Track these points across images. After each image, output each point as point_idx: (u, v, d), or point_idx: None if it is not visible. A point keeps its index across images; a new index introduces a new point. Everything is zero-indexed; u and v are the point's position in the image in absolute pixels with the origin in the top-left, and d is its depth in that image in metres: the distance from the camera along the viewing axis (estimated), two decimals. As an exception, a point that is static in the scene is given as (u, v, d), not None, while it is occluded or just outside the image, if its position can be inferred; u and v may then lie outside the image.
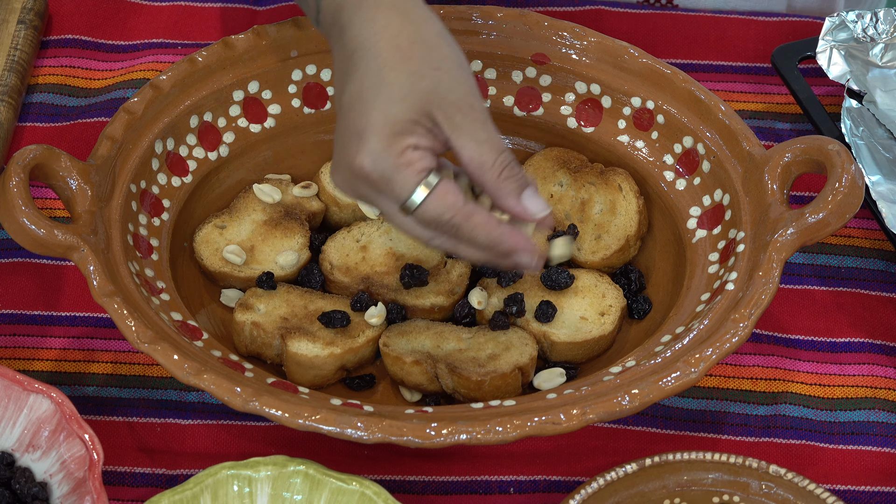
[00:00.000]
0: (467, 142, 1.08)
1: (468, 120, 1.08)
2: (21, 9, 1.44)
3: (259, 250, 1.27)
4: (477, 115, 1.08)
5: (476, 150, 1.08)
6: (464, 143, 1.08)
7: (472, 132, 1.08)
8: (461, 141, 1.08)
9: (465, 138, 1.08)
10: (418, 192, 1.07)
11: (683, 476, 1.11)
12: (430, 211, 1.08)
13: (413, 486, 1.17)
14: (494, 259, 1.11)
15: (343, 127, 1.09)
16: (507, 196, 1.10)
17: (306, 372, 1.19)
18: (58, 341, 1.25)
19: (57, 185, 1.18)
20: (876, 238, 1.32)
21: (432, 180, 1.08)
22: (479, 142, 1.08)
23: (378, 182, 1.08)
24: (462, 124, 1.08)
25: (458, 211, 1.08)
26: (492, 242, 1.09)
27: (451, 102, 1.08)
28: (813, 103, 1.35)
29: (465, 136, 1.08)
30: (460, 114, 1.08)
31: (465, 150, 1.08)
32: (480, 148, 1.08)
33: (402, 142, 1.07)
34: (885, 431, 1.20)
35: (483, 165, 1.09)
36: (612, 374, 1.13)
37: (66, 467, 1.11)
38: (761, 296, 1.14)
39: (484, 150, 1.08)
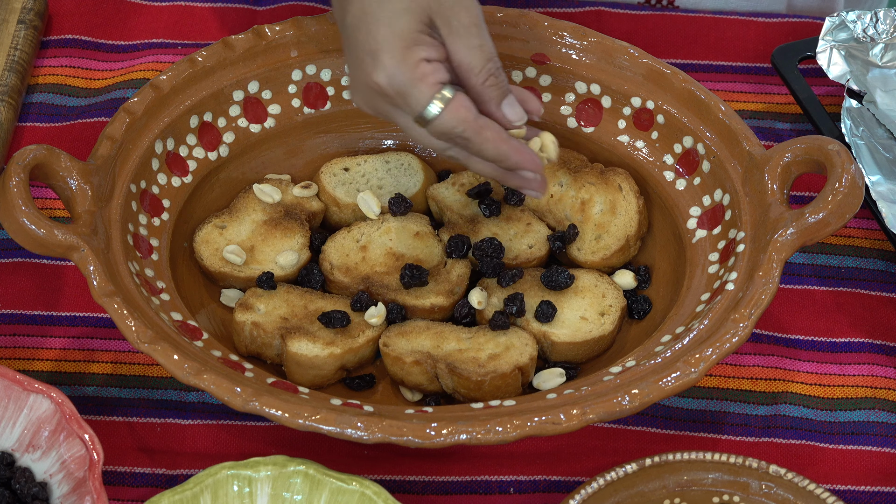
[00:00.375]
0: (460, 46, 1.13)
1: (463, 25, 1.13)
2: (21, 9, 1.44)
3: (259, 250, 1.27)
4: (471, 19, 1.13)
5: (467, 54, 1.13)
6: (457, 47, 1.13)
7: (465, 37, 1.13)
8: (455, 45, 1.13)
9: (459, 43, 1.13)
10: (434, 105, 1.12)
11: (683, 476, 1.11)
12: (445, 123, 1.13)
13: (413, 486, 1.17)
14: (502, 175, 1.17)
15: (353, 47, 1.14)
16: (488, 101, 1.15)
17: (306, 372, 1.19)
18: (58, 341, 1.25)
19: (57, 185, 1.18)
20: (876, 238, 1.32)
21: (447, 94, 1.12)
22: (470, 47, 1.13)
23: (395, 97, 1.13)
24: (458, 28, 1.13)
25: (470, 124, 1.13)
26: (500, 156, 1.14)
27: (448, 5, 1.12)
28: (813, 103, 1.35)
29: (459, 41, 1.13)
30: (456, 18, 1.13)
31: (457, 54, 1.13)
32: (471, 53, 1.13)
33: (414, 55, 1.12)
34: (885, 431, 1.20)
35: (472, 70, 1.13)
36: (612, 374, 1.13)
37: (66, 467, 1.11)
38: (761, 296, 1.14)
39: (474, 55, 1.14)
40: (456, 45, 1.13)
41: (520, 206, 1.29)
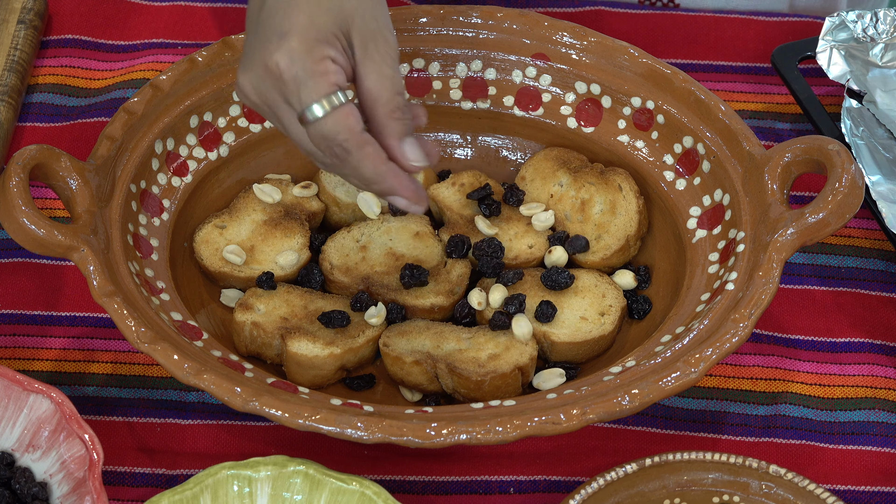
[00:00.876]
0: (371, 72, 1.10)
1: (379, 52, 1.10)
2: (21, 9, 1.44)
3: (259, 250, 1.27)
4: (389, 50, 1.10)
5: (377, 81, 1.10)
6: (368, 72, 1.10)
7: (379, 65, 1.10)
8: (366, 69, 1.10)
9: (371, 68, 1.10)
10: (321, 104, 1.07)
11: (683, 476, 1.11)
12: (328, 127, 1.08)
13: (413, 486, 1.17)
14: (374, 193, 1.13)
15: (262, 28, 1.10)
16: (389, 135, 1.11)
17: (306, 372, 1.19)
18: (58, 341, 1.25)
19: (57, 185, 1.18)
20: (876, 238, 1.32)
21: (340, 98, 1.08)
22: (381, 75, 1.10)
23: (288, 83, 1.08)
24: (373, 54, 1.10)
25: (353, 135, 1.08)
26: (376, 177, 1.10)
27: (370, 30, 1.10)
28: (813, 103, 1.35)
29: (371, 67, 1.10)
30: (373, 43, 1.10)
31: (366, 80, 1.10)
32: (381, 82, 1.10)
33: (322, 50, 1.08)
34: (885, 431, 1.20)
35: (378, 99, 1.10)
36: (612, 374, 1.13)
37: (66, 467, 1.11)
38: (761, 296, 1.14)
39: (384, 85, 1.10)
40: (367, 69, 1.10)
41: (519, 206, 1.29)
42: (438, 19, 1.32)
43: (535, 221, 1.28)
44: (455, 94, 1.33)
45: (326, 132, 1.08)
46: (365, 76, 1.10)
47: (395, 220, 1.28)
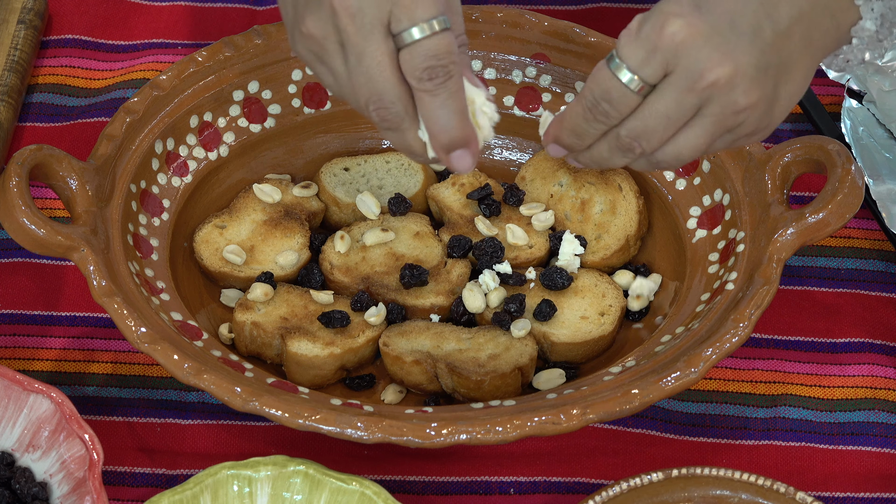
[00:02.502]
0: (454, 4, 1.06)
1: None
2: (21, 9, 1.44)
3: (259, 250, 1.27)
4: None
5: (456, 15, 1.06)
6: (452, 4, 1.06)
7: (454, 2, 1.07)
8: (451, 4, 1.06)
9: (453, 3, 1.06)
10: (432, 24, 1.01)
11: (709, 491, 1.10)
12: (439, 46, 1.01)
13: (413, 486, 1.17)
14: (436, 145, 1.05)
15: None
16: (465, 67, 1.06)
17: (306, 372, 1.19)
18: (58, 341, 1.25)
19: (57, 185, 1.18)
20: (876, 238, 1.32)
21: (446, 22, 1.02)
22: (455, 12, 1.07)
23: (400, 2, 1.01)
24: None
25: (455, 59, 1.02)
26: (461, 116, 1.03)
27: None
28: (813, 103, 1.35)
29: (453, 3, 1.06)
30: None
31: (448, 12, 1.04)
32: (456, 17, 1.06)
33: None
34: (885, 432, 1.20)
35: (455, 30, 1.06)
36: (612, 374, 1.13)
37: (66, 467, 1.11)
38: (761, 296, 1.14)
39: (458, 21, 1.07)
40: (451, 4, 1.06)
41: (519, 206, 1.29)
42: (438, 19, 1.32)
43: (535, 221, 1.28)
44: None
45: (436, 51, 1.01)
46: (454, 18, 1.06)
47: (395, 220, 1.28)
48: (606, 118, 1.03)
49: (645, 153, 1.04)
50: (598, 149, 1.06)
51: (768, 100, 1.02)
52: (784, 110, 1.04)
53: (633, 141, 1.03)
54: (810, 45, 1.03)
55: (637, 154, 1.04)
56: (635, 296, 1.24)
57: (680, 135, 1.03)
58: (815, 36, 1.02)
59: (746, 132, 1.04)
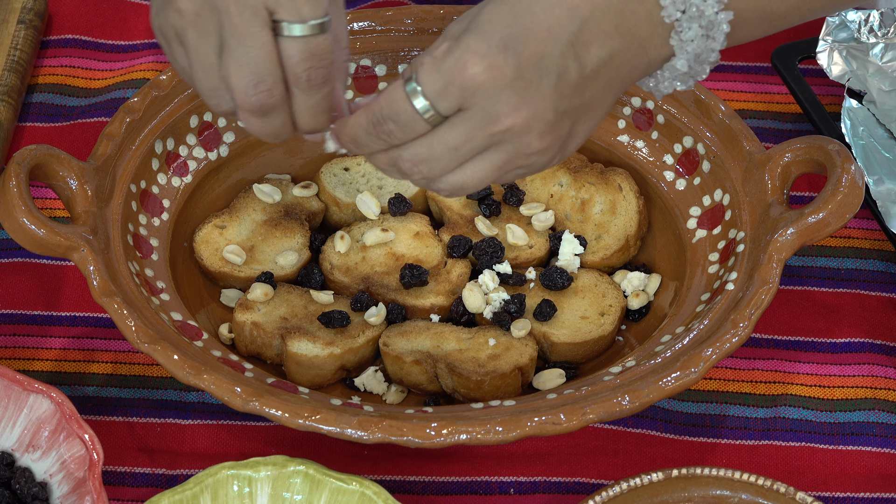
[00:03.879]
0: (339, 16, 1.05)
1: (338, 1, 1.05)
2: (21, 9, 1.44)
3: (259, 250, 1.27)
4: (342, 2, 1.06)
5: (342, 26, 1.05)
6: (338, 15, 1.05)
7: (341, 10, 1.05)
8: (336, 13, 1.04)
9: (337, 13, 1.04)
10: (319, 23, 1.00)
11: (709, 491, 1.10)
12: (321, 46, 1.00)
13: (413, 486, 1.17)
14: (300, 131, 1.05)
15: None
16: (338, 79, 1.05)
17: (306, 372, 1.19)
18: (58, 341, 1.25)
19: (57, 185, 1.18)
20: (876, 238, 1.32)
21: (329, 25, 1.01)
22: (343, 22, 1.05)
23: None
24: (337, 1, 1.05)
25: (331, 62, 1.01)
26: (323, 112, 1.03)
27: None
28: (813, 103, 1.35)
29: (337, 12, 1.04)
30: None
31: (335, 22, 1.03)
32: (344, 28, 1.05)
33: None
34: (885, 432, 1.20)
35: (340, 43, 1.04)
36: (612, 374, 1.13)
37: (66, 467, 1.11)
38: (761, 296, 1.14)
39: (345, 33, 1.05)
40: (337, 13, 1.04)
41: (519, 206, 1.29)
42: (438, 19, 1.32)
43: (535, 221, 1.28)
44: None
45: (317, 50, 1.00)
46: (336, 19, 1.04)
47: (394, 219, 1.28)
48: (389, 137, 1.01)
49: (425, 178, 1.03)
50: (377, 160, 1.04)
51: (562, 139, 1.01)
52: (577, 145, 1.03)
53: (414, 166, 1.01)
54: (616, 82, 1.01)
55: (416, 178, 1.03)
56: (633, 292, 1.24)
57: (466, 167, 1.01)
58: (622, 73, 1.01)
59: (536, 168, 1.02)
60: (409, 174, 1.02)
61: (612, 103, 1.03)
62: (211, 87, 1.03)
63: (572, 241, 1.25)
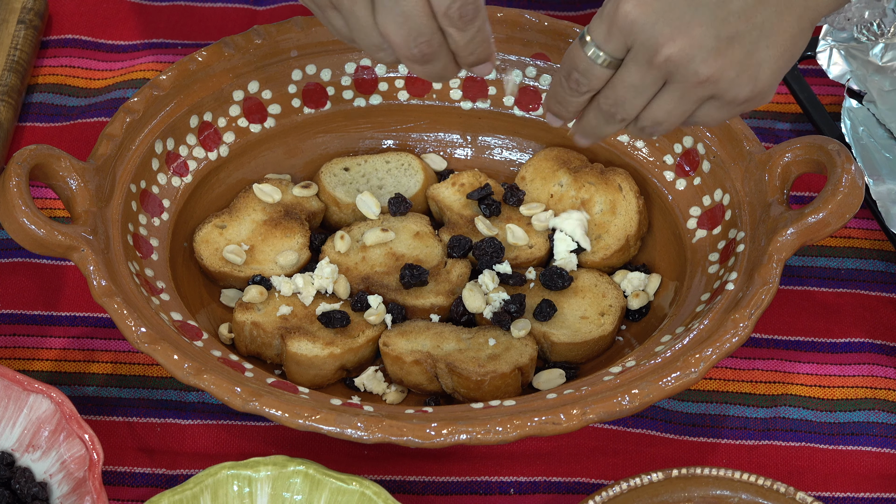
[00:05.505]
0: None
1: None
2: (21, 9, 1.44)
3: (259, 250, 1.27)
4: None
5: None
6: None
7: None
8: None
9: None
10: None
11: (709, 491, 1.10)
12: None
13: (413, 486, 1.17)
14: (464, 64, 1.10)
15: None
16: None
17: (306, 372, 1.19)
18: (58, 341, 1.25)
19: (57, 185, 1.18)
20: (876, 238, 1.32)
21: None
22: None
23: None
24: None
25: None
26: (484, 47, 1.10)
27: None
28: (813, 103, 1.35)
29: None
30: None
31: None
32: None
33: None
34: (885, 432, 1.20)
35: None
36: (612, 374, 1.13)
37: (66, 467, 1.11)
38: (761, 296, 1.14)
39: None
40: None
41: (519, 206, 1.29)
42: (438, 19, 1.32)
43: (535, 221, 1.28)
44: (455, 94, 1.33)
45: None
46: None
47: (394, 219, 1.28)
48: (579, 87, 1.07)
49: (626, 120, 1.08)
50: (587, 118, 1.09)
51: (740, 64, 1.04)
52: (772, 73, 1.05)
53: (612, 109, 1.07)
54: (792, 7, 1.04)
55: (619, 121, 1.08)
56: (633, 292, 1.24)
57: (653, 104, 1.06)
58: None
59: (731, 99, 1.06)
60: (613, 118, 1.08)
61: (799, 28, 1.05)
62: (372, 44, 1.10)
63: (565, 238, 1.26)
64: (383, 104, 1.34)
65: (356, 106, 1.33)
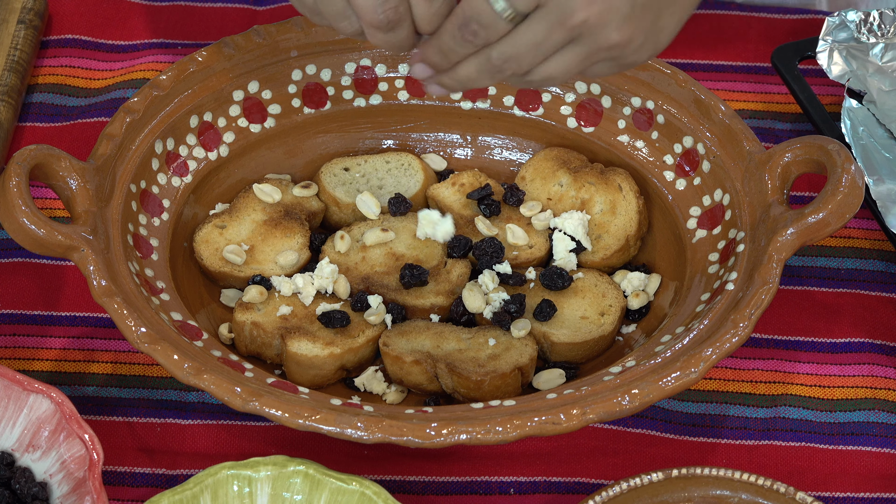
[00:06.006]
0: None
1: None
2: (21, 9, 1.44)
3: (259, 250, 1.27)
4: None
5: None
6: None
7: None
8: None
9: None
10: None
11: (709, 491, 1.09)
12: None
13: (413, 486, 1.17)
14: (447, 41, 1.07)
15: None
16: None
17: (306, 372, 1.19)
18: (58, 341, 1.25)
19: (57, 185, 1.18)
20: (876, 238, 1.32)
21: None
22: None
23: None
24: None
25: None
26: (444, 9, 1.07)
27: None
28: (813, 103, 1.35)
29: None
30: None
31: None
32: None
33: None
34: (885, 432, 1.20)
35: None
36: (612, 374, 1.13)
37: (66, 467, 1.11)
38: (761, 296, 1.14)
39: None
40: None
41: (519, 206, 1.29)
42: (438, 19, 1.32)
43: (535, 221, 1.28)
44: (455, 94, 1.33)
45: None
46: None
47: (394, 219, 1.28)
48: (474, 38, 1.05)
49: (515, 74, 1.06)
50: (465, 69, 1.07)
51: (647, 31, 1.04)
52: (669, 38, 1.06)
53: (503, 63, 1.05)
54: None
55: (507, 75, 1.07)
56: (633, 292, 1.24)
57: (551, 60, 1.05)
58: None
59: (627, 62, 1.06)
60: (501, 72, 1.06)
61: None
62: (337, 12, 1.08)
63: (564, 238, 1.26)
64: (383, 104, 1.34)
65: (356, 106, 1.33)
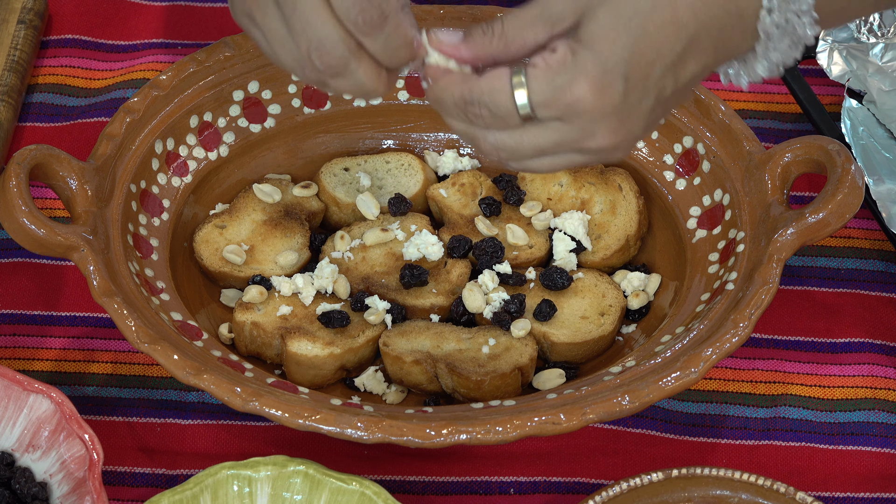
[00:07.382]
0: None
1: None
2: (21, 9, 1.44)
3: (259, 250, 1.27)
4: None
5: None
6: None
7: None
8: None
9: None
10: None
11: (709, 491, 1.10)
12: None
13: (413, 486, 1.17)
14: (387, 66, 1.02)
15: None
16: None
17: (306, 372, 1.19)
18: (58, 341, 1.25)
19: (57, 185, 1.18)
20: (876, 238, 1.32)
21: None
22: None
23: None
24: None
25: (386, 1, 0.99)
26: (403, 51, 1.01)
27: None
28: (813, 103, 1.35)
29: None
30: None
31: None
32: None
33: None
34: (885, 432, 1.20)
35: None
36: (612, 374, 1.13)
37: (66, 467, 1.11)
38: (761, 296, 1.14)
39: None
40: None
41: (519, 206, 1.29)
42: (438, 19, 1.32)
43: (535, 221, 1.28)
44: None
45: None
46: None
47: (395, 219, 1.28)
48: (476, 120, 1.00)
49: (501, 160, 1.02)
50: (455, 127, 1.02)
51: (634, 140, 1.01)
52: (644, 136, 1.03)
53: (494, 150, 1.01)
54: (697, 84, 1.03)
55: (491, 157, 1.02)
56: (633, 292, 1.24)
57: (544, 159, 1.01)
58: (706, 74, 1.02)
59: (608, 159, 1.03)
60: (486, 153, 1.02)
61: (676, 103, 1.04)
62: (295, 60, 1.02)
63: (564, 238, 1.26)
64: (383, 104, 1.34)
65: (356, 106, 1.33)
